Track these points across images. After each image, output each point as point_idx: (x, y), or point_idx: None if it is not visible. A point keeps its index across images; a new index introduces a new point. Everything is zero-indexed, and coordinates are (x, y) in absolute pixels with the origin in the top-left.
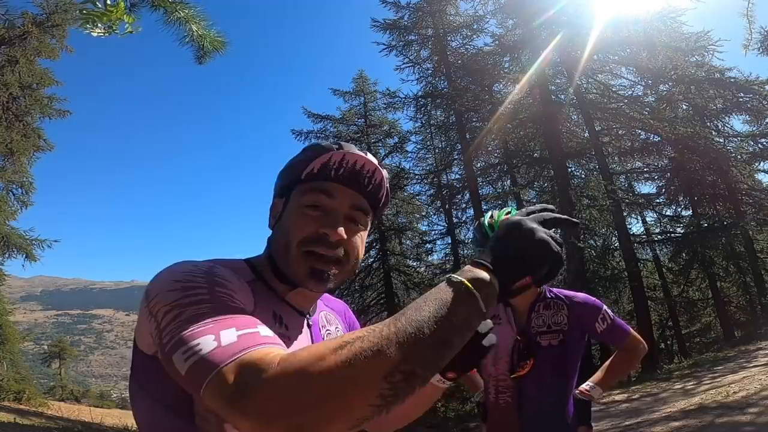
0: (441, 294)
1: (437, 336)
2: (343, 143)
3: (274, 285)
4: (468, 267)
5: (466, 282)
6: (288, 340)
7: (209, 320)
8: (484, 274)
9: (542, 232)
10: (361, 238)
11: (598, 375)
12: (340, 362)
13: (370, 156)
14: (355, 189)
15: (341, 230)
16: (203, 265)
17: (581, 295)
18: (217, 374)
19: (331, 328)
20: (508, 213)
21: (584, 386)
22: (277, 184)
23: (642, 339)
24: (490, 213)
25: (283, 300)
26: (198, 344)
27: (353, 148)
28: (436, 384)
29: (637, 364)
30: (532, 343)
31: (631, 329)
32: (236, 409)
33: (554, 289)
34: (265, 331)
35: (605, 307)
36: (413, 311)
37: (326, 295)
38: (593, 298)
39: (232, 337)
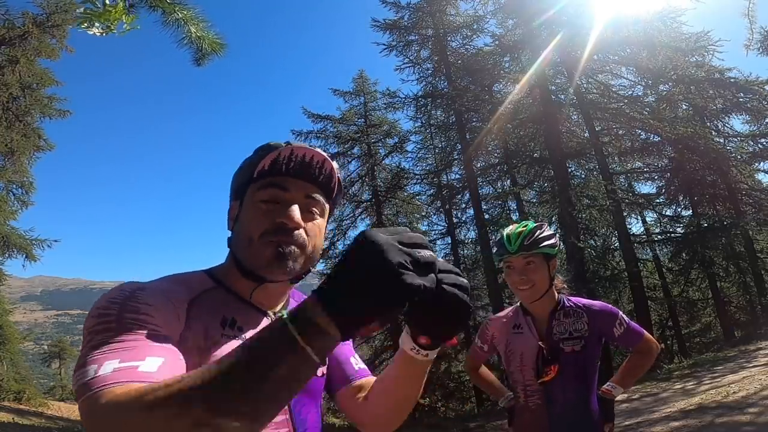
0: (269, 342)
1: (254, 391)
2: (291, 141)
3: (236, 287)
4: (307, 304)
5: (297, 337)
6: (242, 340)
7: (104, 349)
8: (322, 320)
9: (396, 255)
10: (319, 227)
11: (617, 376)
12: (145, 408)
13: (318, 149)
14: (306, 180)
15: (297, 216)
16: (129, 288)
17: (598, 303)
18: (83, 400)
19: None
20: (525, 226)
21: (606, 386)
22: (232, 187)
23: (654, 340)
24: (510, 226)
25: (246, 301)
26: (84, 371)
27: (301, 144)
28: (414, 357)
29: (652, 363)
30: (556, 350)
31: (644, 332)
32: None
33: (572, 298)
34: (148, 365)
35: (621, 313)
36: (234, 359)
37: (303, 295)
38: (609, 305)
39: (109, 368)
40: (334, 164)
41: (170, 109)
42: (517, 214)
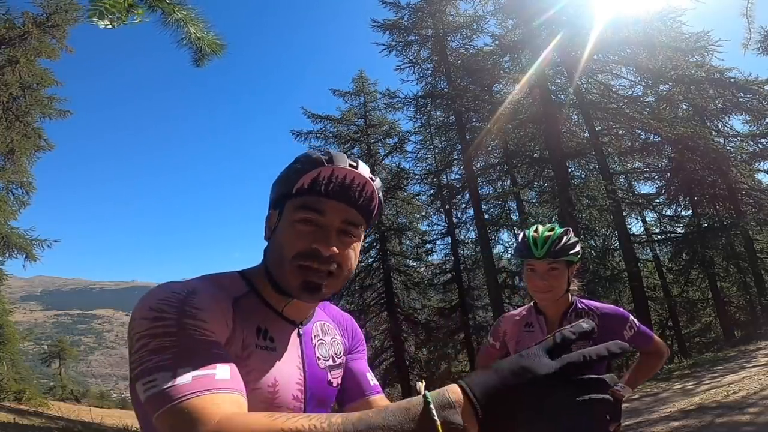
0: (408, 420)
1: None
2: (334, 155)
3: (268, 297)
4: (452, 397)
5: (439, 427)
6: (273, 351)
7: (170, 355)
8: (466, 422)
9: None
10: (354, 250)
11: (626, 376)
12: None
13: (361, 168)
14: (345, 203)
15: (332, 244)
16: (182, 291)
17: (609, 307)
18: (166, 411)
19: (326, 338)
20: (551, 230)
21: (615, 386)
22: (271, 195)
23: (663, 343)
24: (535, 227)
25: (276, 311)
26: (156, 378)
27: (343, 162)
28: None
29: (661, 366)
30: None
31: (654, 335)
32: None
33: (584, 301)
34: (222, 372)
35: (631, 316)
36: (372, 421)
37: (334, 307)
38: (620, 309)
39: (187, 377)
40: (376, 184)
41: (170, 108)
42: (517, 214)
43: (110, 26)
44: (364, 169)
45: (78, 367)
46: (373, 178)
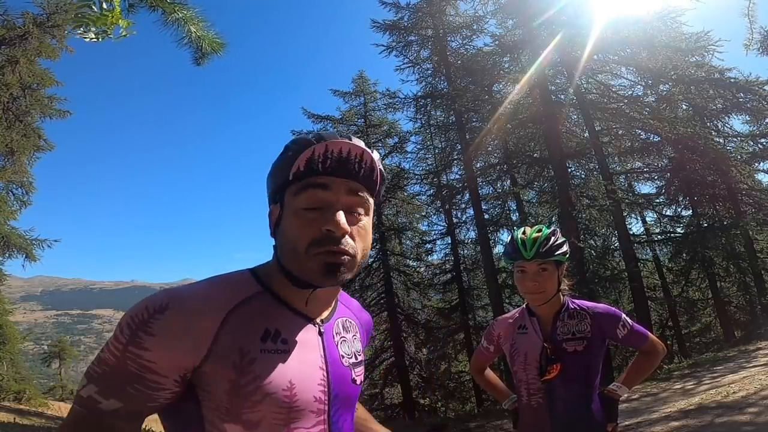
0: None
1: None
2: (323, 133)
3: (284, 294)
4: None
5: None
6: (285, 354)
7: (99, 368)
8: None
9: None
10: (365, 228)
11: (623, 376)
12: None
13: (355, 140)
14: (346, 177)
15: (343, 221)
16: (152, 307)
17: (601, 306)
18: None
19: (347, 335)
20: (539, 231)
21: (611, 386)
22: (268, 190)
23: (659, 341)
24: (522, 229)
25: (292, 309)
26: (83, 378)
27: (334, 136)
28: None
29: (658, 364)
30: (559, 349)
31: (649, 333)
32: None
33: (576, 300)
34: (108, 405)
35: (624, 315)
36: None
37: (354, 301)
38: (613, 308)
39: (87, 392)
40: (375, 155)
41: (171, 107)
42: (517, 214)
43: (96, 40)
44: (358, 141)
45: (78, 367)
46: (371, 148)
